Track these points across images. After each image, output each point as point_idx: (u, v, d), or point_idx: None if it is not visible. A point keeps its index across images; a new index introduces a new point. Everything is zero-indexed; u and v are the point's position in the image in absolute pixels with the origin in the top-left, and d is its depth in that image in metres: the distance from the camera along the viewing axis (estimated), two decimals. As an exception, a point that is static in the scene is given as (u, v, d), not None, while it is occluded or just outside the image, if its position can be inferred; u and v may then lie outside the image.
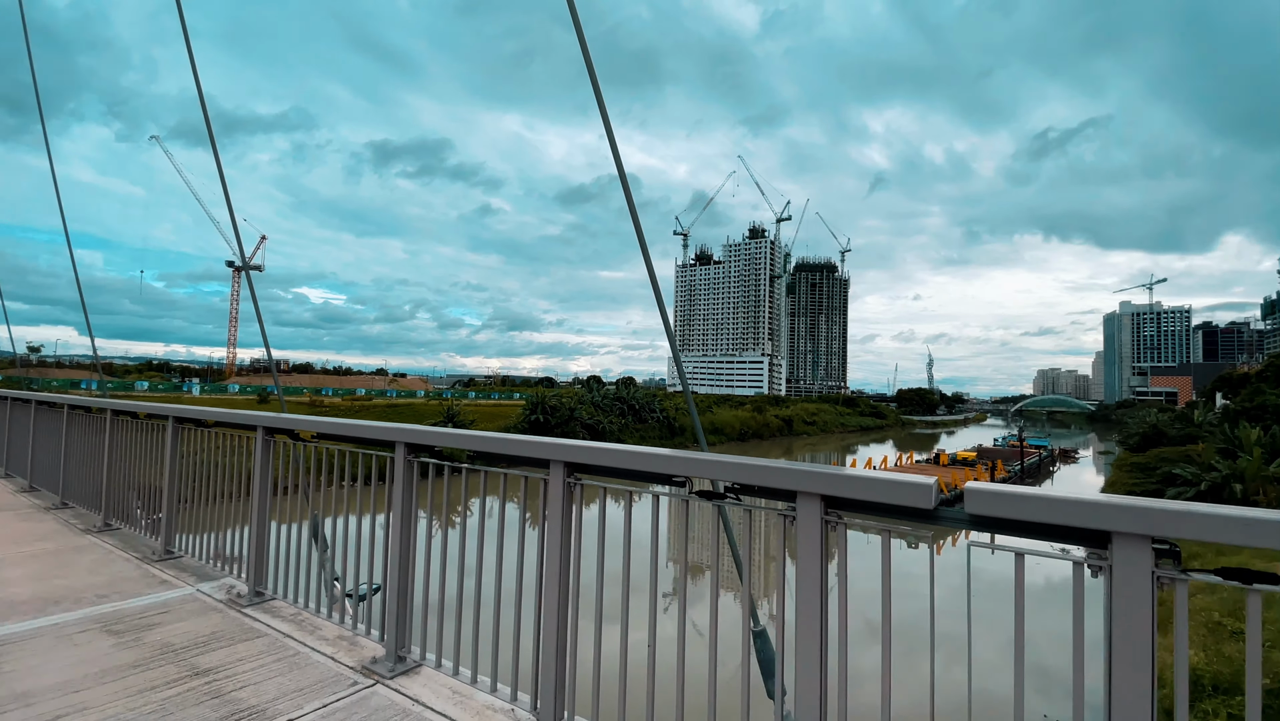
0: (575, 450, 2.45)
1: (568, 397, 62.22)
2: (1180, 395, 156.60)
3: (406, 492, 3.12)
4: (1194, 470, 29.93)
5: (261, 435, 4.05)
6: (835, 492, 1.74)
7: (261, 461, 4.05)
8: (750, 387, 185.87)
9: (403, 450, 3.12)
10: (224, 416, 4.52)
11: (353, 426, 3.53)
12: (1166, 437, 42.77)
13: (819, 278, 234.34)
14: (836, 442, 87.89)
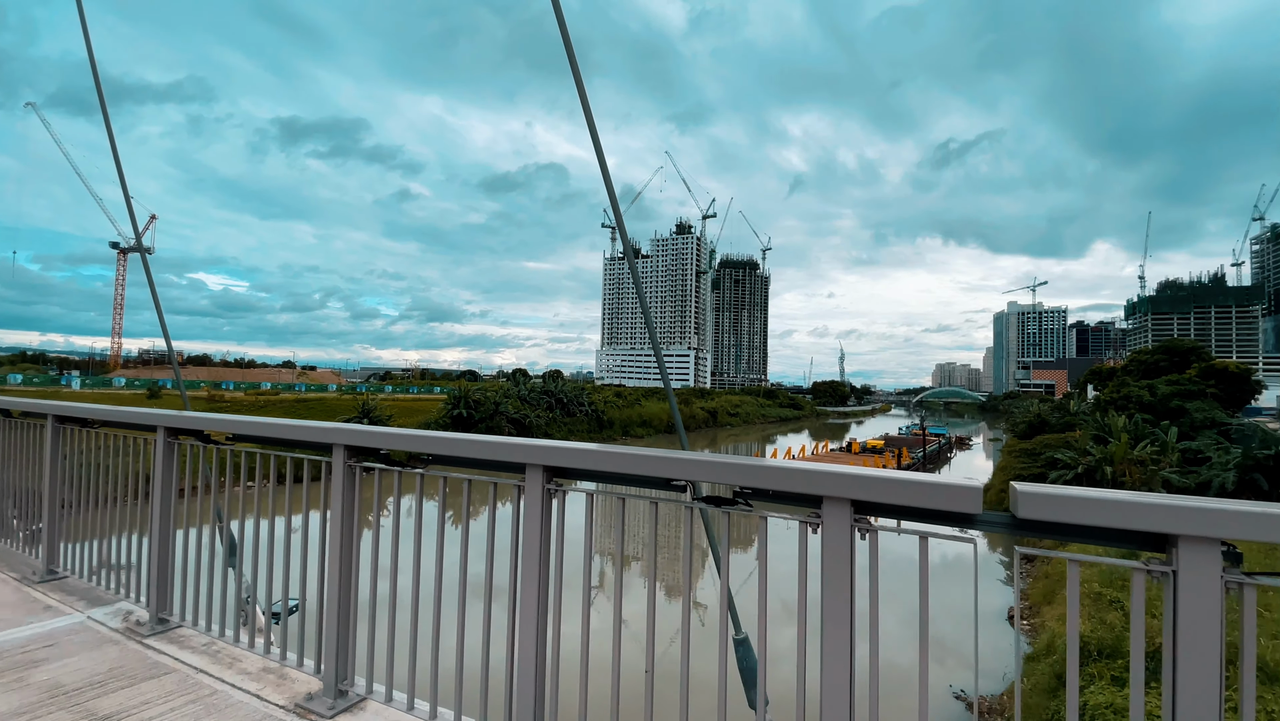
0: (558, 452, 2.21)
1: (492, 391, 60.68)
2: (1057, 387, 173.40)
3: (348, 501, 2.77)
4: (1072, 455, 33.25)
5: (163, 437, 3.50)
6: (868, 496, 1.62)
7: (164, 468, 3.50)
8: (677, 380, 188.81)
9: (342, 454, 2.74)
10: (116, 415, 3.90)
11: (279, 427, 3.09)
12: (1049, 426, 47.31)
13: (742, 274, 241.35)
14: (758, 433, 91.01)
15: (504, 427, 55.78)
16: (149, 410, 3.66)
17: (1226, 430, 38.42)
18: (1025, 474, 35.40)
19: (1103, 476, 31.45)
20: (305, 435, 2.99)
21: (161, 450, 3.52)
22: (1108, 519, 1.36)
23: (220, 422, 3.38)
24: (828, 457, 48.80)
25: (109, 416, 3.93)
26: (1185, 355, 54.47)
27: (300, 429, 3.03)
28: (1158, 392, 44.86)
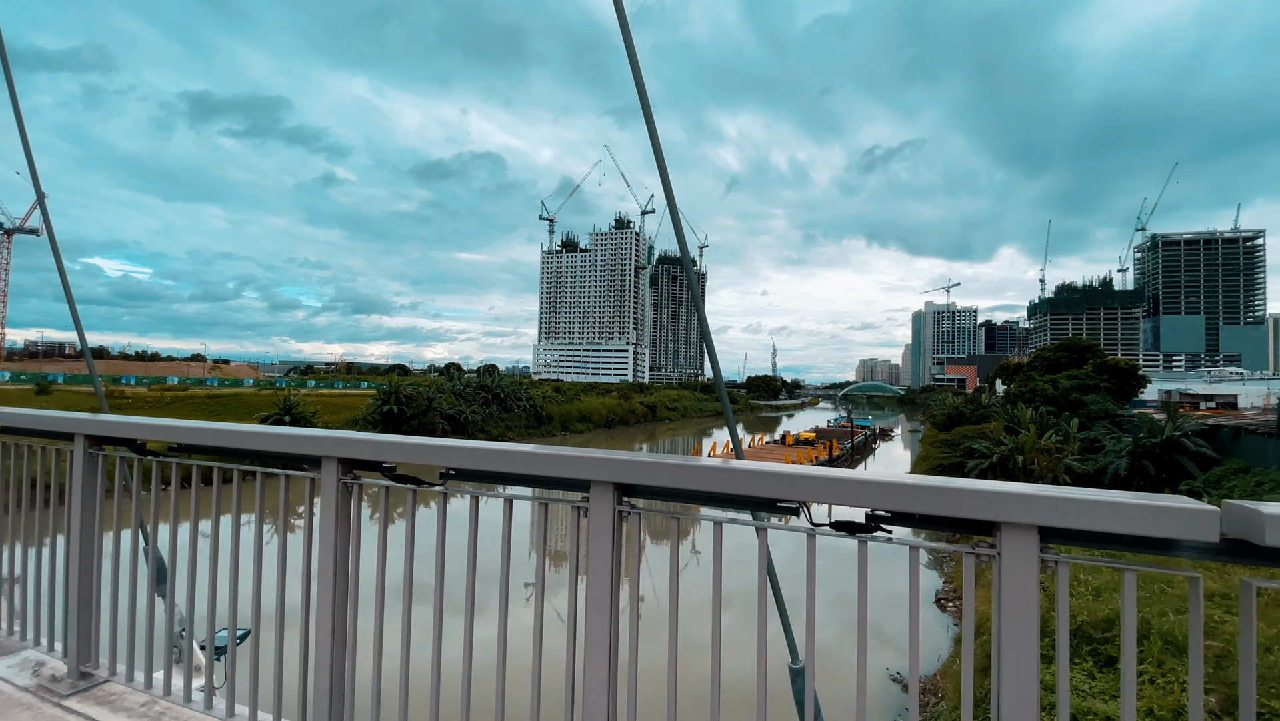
0: (628, 466, 1.85)
1: (425, 387, 58.46)
2: (968, 381, 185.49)
3: (341, 527, 2.29)
4: (988, 445, 35.57)
5: (83, 447, 2.84)
6: (1061, 523, 1.45)
7: (84, 485, 2.86)
8: (616, 375, 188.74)
9: (335, 468, 2.27)
10: (19, 420, 3.17)
11: (246, 436, 2.51)
12: (965, 418, 50.46)
13: (679, 270, 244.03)
14: (695, 427, 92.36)
15: (438, 425, 53.90)
16: (65, 414, 3.01)
17: (1119, 421, 42.23)
18: (946, 463, 37.60)
19: (1014, 465, 33.85)
20: (285, 446, 2.45)
21: (81, 464, 2.86)
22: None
23: (163, 430, 2.69)
24: (764, 450, 50.11)
25: (8, 421, 3.20)
26: (1083, 352, 59.46)
27: (279, 438, 2.47)
28: (1060, 387, 48.74)
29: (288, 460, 2.45)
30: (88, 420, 2.92)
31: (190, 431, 2.67)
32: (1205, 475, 28.66)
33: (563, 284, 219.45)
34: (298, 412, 40.91)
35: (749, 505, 1.77)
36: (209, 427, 2.66)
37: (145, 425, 2.77)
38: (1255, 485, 24.33)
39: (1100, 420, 42.47)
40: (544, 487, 2.00)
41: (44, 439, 3.04)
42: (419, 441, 2.16)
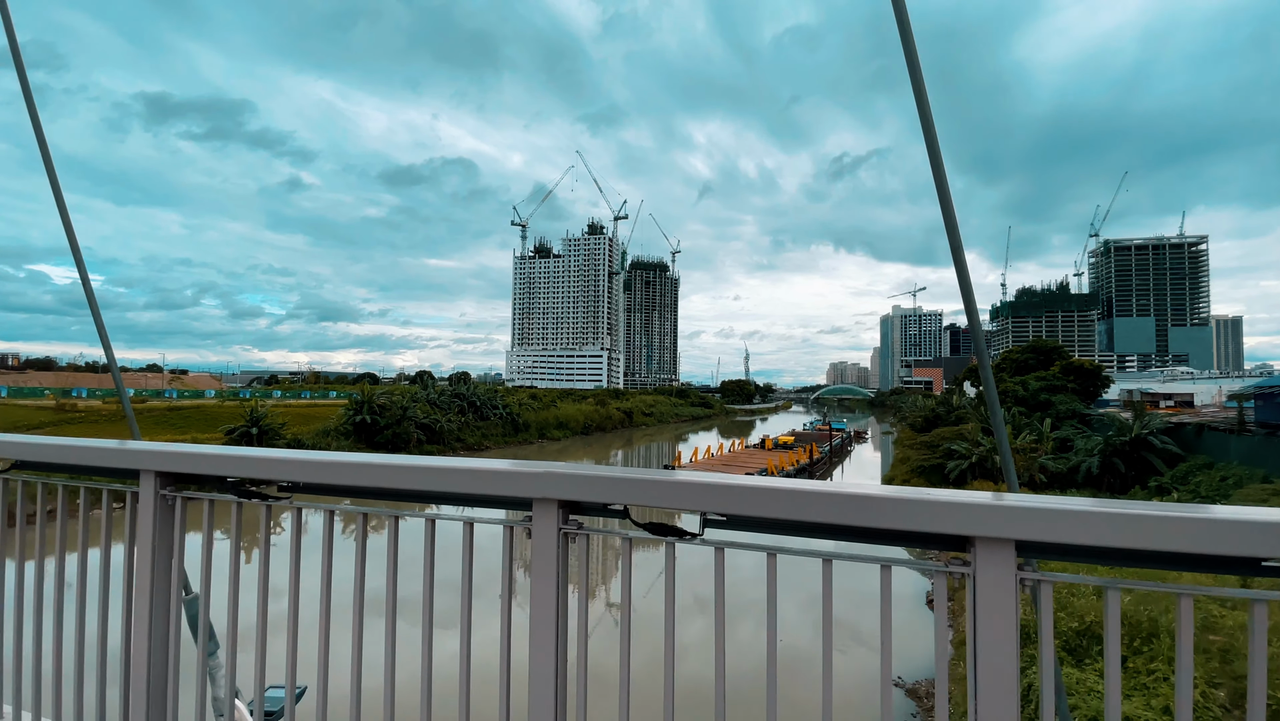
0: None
1: (398, 395, 57.10)
2: (935, 383, 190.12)
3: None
4: (966, 445, 36.25)
5: (154, 487, 2.16)
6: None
7: (157, 537, 2.18)
8: (590, 381, 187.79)
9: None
10: (62, 453, 2.37)
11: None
12: (942, 419, 51.45)
13: (652, 276, 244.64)
14: (672, 432, 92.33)
15: (412, 434, 52.68)
16: (129, 444, 2.46)
17: (1087, 420, 43.53)
18: (926, 465, 38.19)
19: (992, 464, 34.58)
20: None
21: (152, 509, 2.33)
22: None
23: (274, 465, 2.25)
24: (744, 454, 50.25)
25: (52, 456, 2.58)
26: (1049, 354, 61.35)
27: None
28: (1029, 387, 50.09)
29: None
30: (159, 452, 2.20)
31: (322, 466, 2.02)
32: (1172, 471, 29.64)
33: (536, 290, 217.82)
34: (266, 424, 39.41)
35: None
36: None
37: (249, 458, 2.12)
38: (1220, 480, 25.22)
39: (1069, 419, 43.72)
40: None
41: (102, 477, 2.40)
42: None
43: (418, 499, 1.86)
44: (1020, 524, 1.27)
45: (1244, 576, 1.26)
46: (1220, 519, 1.19)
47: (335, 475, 1.88)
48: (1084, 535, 1.24)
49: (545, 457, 59.00)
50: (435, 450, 54.48)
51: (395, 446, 50.03)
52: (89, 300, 3.90)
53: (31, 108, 3.82)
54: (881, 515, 1.37)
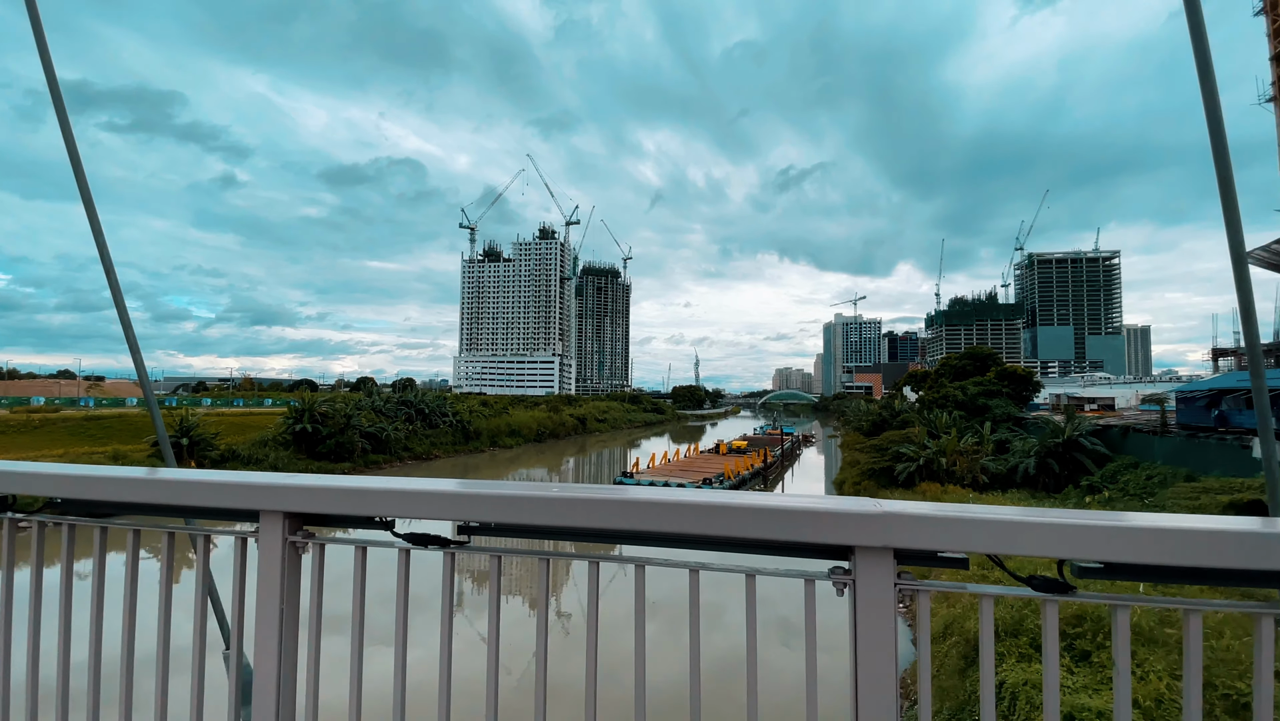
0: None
1: (341, 403, 54.55)
2: (875, 388, 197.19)
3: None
4: (914, 448, 37.57)
5: (282, 531, 1.71)
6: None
7: (286, 585, 1.71)
8: (542, 387, 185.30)
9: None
10: (179, 491, 1.86)
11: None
12: (888, 423, 53.27)
13: (604, 282, 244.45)
14: (625, 438, 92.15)
15: (357, 444, 50.42)
16: (246, 476, 2.07)
17: (1022, 422, 45.98)
18: (876, 467, 39.35)
19: (939, 466, 35.98)
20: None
21: (281, 556, 1.93)
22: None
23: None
24: (700, 459, 50.57)
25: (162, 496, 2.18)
26: (984, 360, 64.59)
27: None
28: (968, 392, 52.55)
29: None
30: (286, 487, 1.68)
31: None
32: (1101, 471, 31.58)
33: (485, 294, 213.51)
34: (197, 434, 36.79)
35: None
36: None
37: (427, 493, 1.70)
38: (1146, 478, 27.02)
39: (1004, 422, 46.09)
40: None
41: (214, 519, 1.89)
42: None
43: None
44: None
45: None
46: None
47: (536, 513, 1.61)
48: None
49: (498, 465, 57.64)
50: (381, 460, 52.35)
51: (339, 456, 47.78)
52: (120, 314, 3.43)
53: (63, 117, 3.47)
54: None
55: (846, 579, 1.36)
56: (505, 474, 53.04)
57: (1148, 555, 1.18)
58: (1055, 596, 1.28)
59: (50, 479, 1.76)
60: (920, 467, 36.11)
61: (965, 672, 12.39)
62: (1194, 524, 1.18)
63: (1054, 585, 1.28)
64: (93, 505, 1.76)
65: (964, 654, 13.01)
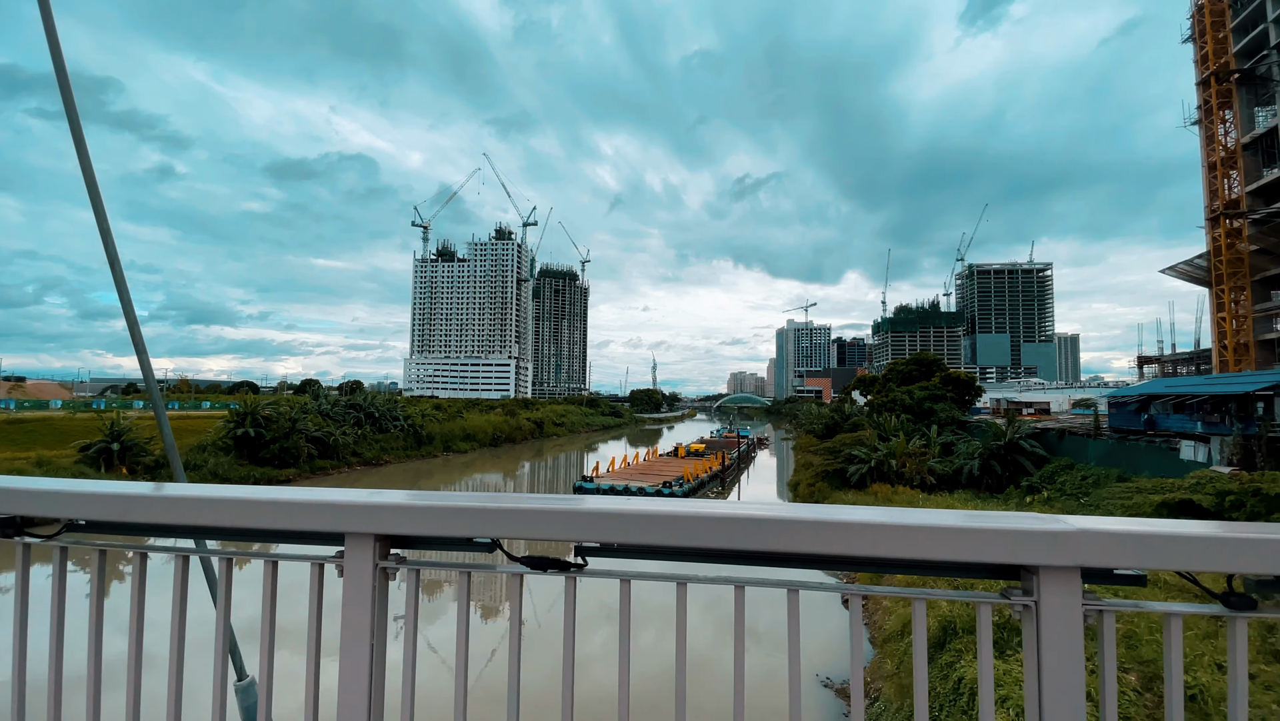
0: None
1: (286, 406, 52.25)
2: (824, 392, 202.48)
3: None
4: (866, 450, 38.75)
5: (373, 555, 1.55)
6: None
7: (376, 615, 1.56)
8: (497, 391, 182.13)
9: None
10: (265, 513, 1.64)
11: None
12: (840, 426, 54.77)
13: (562, 284, 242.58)
14: (583, 442, 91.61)
15: (303, 448, 48.36)
16: (331, 495, 1.86)
17: (965, 425, 48.07)
18: (830, 469, 40.39)
19: (889, 467, 37.21)
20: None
21: (372, 581, 1.77)
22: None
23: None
24: (660, 462, 50.76)
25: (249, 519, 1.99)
26: (930, 366, 67.20)
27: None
28: (915, 396, 54.61)
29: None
30: (377, 506, 1.52)
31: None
32: (1040, 471, 33.32)
33: (438, 295, 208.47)
34: (129, 439, 34.55)
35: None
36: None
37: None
38: (1081, 479, 28.68)
39: (949, 426, 48.11)
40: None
41: (294, 541, 1.69)
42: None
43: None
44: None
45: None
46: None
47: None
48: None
49: (452, 470, 56.37)
50: (329, 465, 50.43)
51: (283, 462, 45.73)
52: (127, 317, 3.19)
53: (73, 116, 3.31)
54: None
55: (1027, 600, 1.25)
56: (459, 480, 51.93)
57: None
58: (1246, 613, 1.22)
59: (80, 498, 1.60)
60: (872, 469, 37.26)
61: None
62: None
63: (1246, 601, 1.21)
64: (128, 526, 1.61)
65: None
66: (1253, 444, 23.47)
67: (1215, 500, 16.64)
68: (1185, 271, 50.43)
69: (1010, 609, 1.30)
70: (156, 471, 35.51)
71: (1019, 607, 1.28)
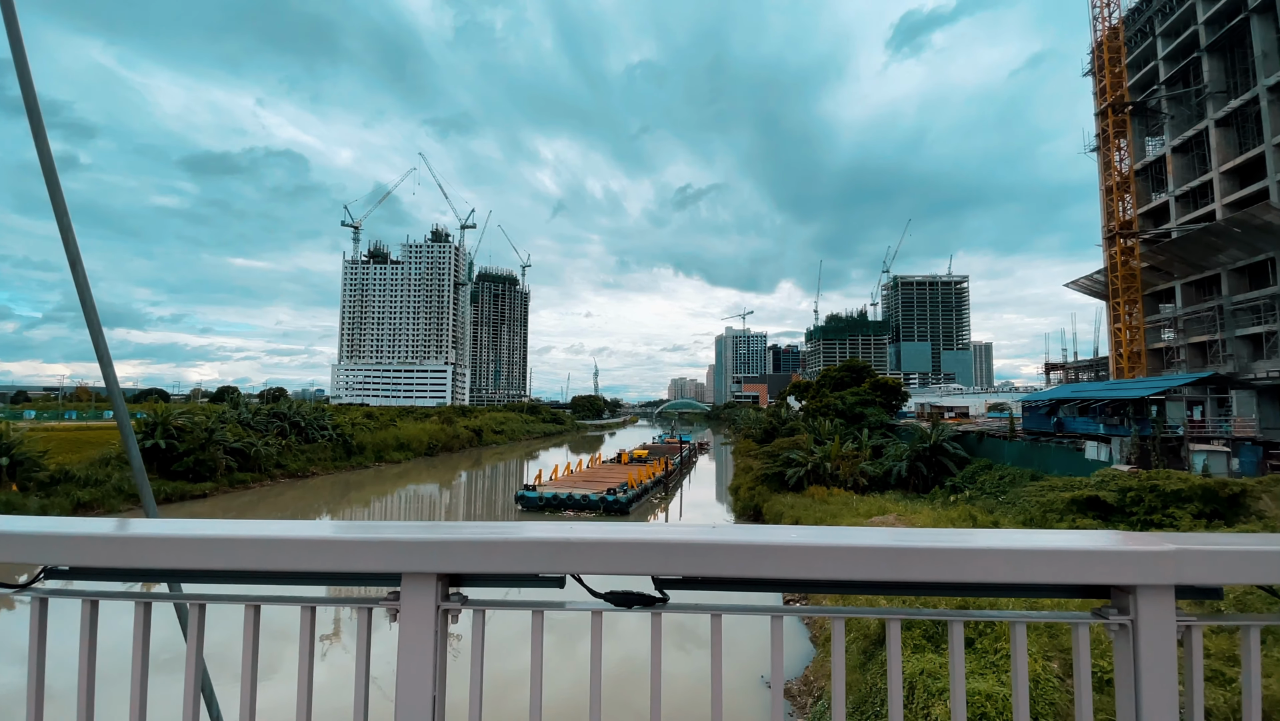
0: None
1: (201, 415, 48.75)
2: (761, 397, 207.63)
3: None
4: (802, 454, 40.02)
5: (436, 596, 1.40)
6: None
7: (437, 654, 1.42)
8: (432, 398, 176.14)
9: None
10: (320, 554, 1.45)
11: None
12: (778, 431, 56.31)
13: (501, 289, 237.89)
14: (523, 449, 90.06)
15: (220, 461, 45.20)
16: (383, 528, 1.63)
17: (894, 429, 50.48)
18: (769, 472, 41.45)
19: (824, 470, 38.61)
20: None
21: (434, 626, 1.58)
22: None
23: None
24: (603, 469, 50.58)
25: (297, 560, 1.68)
26: (860, 372, 70.23)
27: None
28: (847, 402, 56.90)
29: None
30: (441, 543, 1.38)
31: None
32: (961, 472, 35.42)
33: (370, 298, 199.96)
34: (19, 453, 31.22)
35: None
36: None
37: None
38: (999, 478, 30.68)
39: (878, 429, 50.46)
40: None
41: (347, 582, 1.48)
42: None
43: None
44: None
45: None
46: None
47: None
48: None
49: (385, 482, 54.12)
50: (250, 479, 47.36)
51: (198, 476, 42.61)
52: (90, 326, 2.84)
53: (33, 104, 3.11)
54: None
55: (1124, 619, 1.26)
56: (390, 491, 49.97)
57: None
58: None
59: (69, 541, 1.37)
60: (808, 472, 38.53)
61: (864, 667, 13.38)
62: None
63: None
64: (121, 573, 1.39)
65: (862, 649, 14.06)
66: (1148, 444, 25.90)
67: (1118, 496, 18.21)
68: (1085, 285, 55.12)
69: (1105, 628, 1.30)
70: (51, 489, 32.26)
71: (1115, 627, 1.28)
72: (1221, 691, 8.31)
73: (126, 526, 1.43)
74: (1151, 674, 1.24)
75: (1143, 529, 17.63)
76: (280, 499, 44.07)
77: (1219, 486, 17.70)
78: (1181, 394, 28.90)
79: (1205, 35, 44.93)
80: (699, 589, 1.35)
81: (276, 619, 1.45)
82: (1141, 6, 51.81)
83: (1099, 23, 49.41)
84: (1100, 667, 8.02)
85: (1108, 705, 1.62)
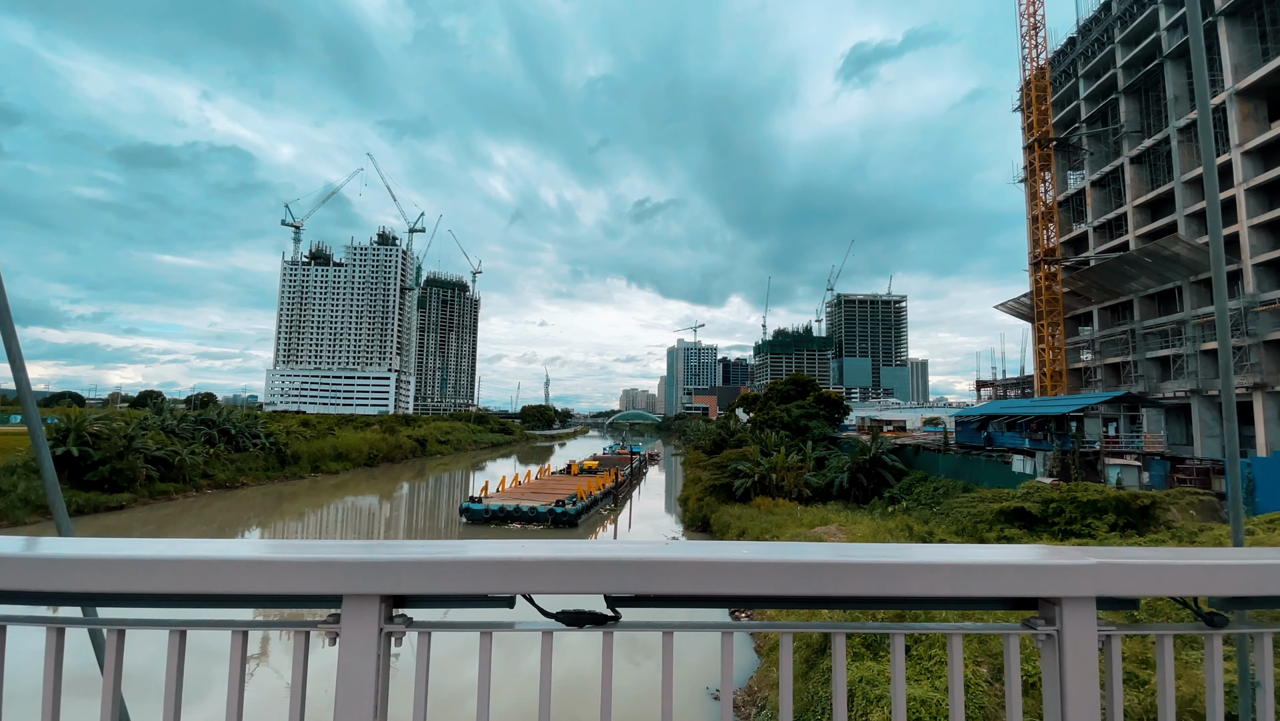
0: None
1: (120, 421, 45.46)
2: (711, 409, 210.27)
3: None
4: (749, 465, 40.69)
5: (378, 618, 1.35)
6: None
7: (379, 684, 1.36)
8: (374, 406, 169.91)
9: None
10: (260, 577, 1.36)
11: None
12: (726, 442, 57.08)
13: (451, 295, 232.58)
14: (469, 460, 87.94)
15: (140, 470, 42.17)
16: (324, 547, 1.53)
17: (836, 441, 52.03)
18: (717, 483, 41.93)
19: (770, 482, 39.37)
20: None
21: (376, 651, 1.51)
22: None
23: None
24: (552, 480, 49.94)
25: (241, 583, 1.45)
26: (805, 386, 72.17)
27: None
28: (792, 414, 58.34)
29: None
30: (381, 561, 1.32)
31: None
32: (899, 483, 36.80)
33: (310, 300, 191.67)
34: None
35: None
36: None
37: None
38: (934, 490, 32.05)
39: (822, 441, 51.94)
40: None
41: (289, 605, 1.40)
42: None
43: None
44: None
45: None
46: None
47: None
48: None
49: (321, 493, 51.72)
50: (173, 489, 44.38)
51: (114, 486, 39.63)
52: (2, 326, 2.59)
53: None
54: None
55: (1051, 630, 1.33)
56: (327, 503, 47.80)
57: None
58: (1221, 630, 1.36)
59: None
60: (755, 483, 39.19)
61: (806, 676, 13.64)
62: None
63: (1216, 620, 1.35)
64: (27, 596, 1.29)
65: (805, 657, 14.34)
66: (1068, 458, 27.64)
67: (1042, 507, 19.34)
68: (1013, 308, 58.58)
69: (1032, 638, 1.37)
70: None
71: (1042, 636, 1.35)
72: (1136, 693, 8.91)
73: (36, 545, 1.33)
74: (1075, 680, 1.31)
75: (1064, 538, 18.74)
76: (205, 510, 41.46)
77: (1131, 498, 19.05)
78: (1098, 411, 31.00)
79: (1123, 78, 48.89)
80: (651, 606, 1.35)
81: (205, 640, 1.37)
82: (1066, 49, 55.93)
83: (1028, 62, 53.02)
84: (1025, 671, 8.45)
85: (1034, 707, 1.71)
